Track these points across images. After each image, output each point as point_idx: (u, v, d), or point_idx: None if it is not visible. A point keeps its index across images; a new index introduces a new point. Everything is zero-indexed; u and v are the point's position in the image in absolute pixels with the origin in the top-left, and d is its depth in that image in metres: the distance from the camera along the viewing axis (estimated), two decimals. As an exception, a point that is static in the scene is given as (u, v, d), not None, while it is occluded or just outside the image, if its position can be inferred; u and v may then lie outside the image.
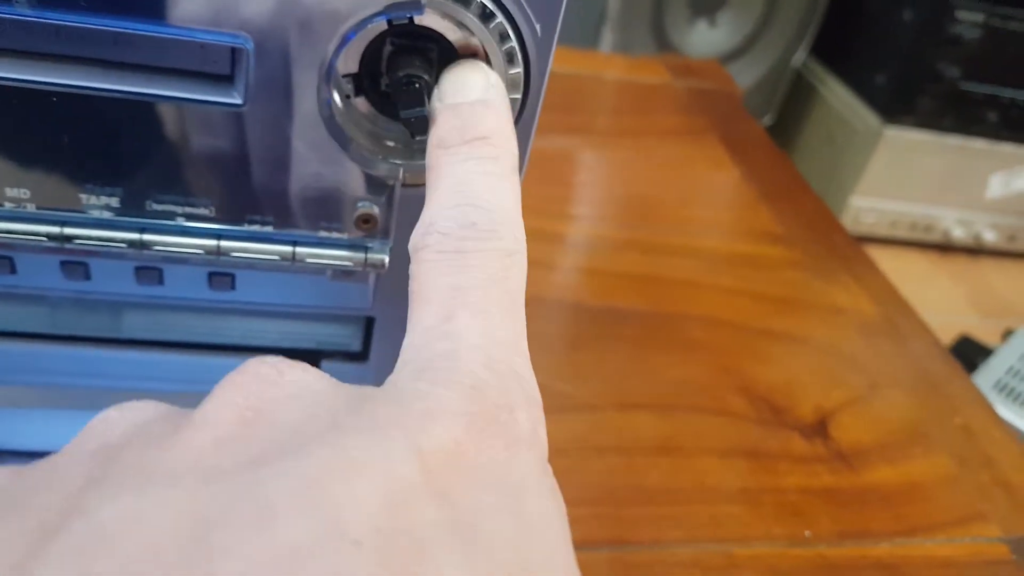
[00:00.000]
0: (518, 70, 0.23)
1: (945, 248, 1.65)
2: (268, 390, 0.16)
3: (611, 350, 0.45)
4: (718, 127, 0.76)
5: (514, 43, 0.23)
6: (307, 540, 0.13)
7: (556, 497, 0.17)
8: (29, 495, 0.15)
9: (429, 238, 0.19)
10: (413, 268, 0.19)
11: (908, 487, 0.41)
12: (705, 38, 1.51)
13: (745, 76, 1.54)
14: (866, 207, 1.56)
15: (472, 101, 0.21)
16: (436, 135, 0.21)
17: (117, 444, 0.16)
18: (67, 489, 0.15)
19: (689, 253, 0.57)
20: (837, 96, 1.62)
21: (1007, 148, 1.54)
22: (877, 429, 0.44)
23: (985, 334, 1.25)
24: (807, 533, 0.37)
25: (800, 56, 1.57)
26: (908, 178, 1.54)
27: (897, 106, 1.48)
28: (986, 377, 0.79)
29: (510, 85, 0.23)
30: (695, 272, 0.54)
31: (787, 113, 1.68)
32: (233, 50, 0.22)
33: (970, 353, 0.99)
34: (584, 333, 0.47)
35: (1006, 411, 0.74)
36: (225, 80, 0.22)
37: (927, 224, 1.60)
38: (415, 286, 0.19)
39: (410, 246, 0.20)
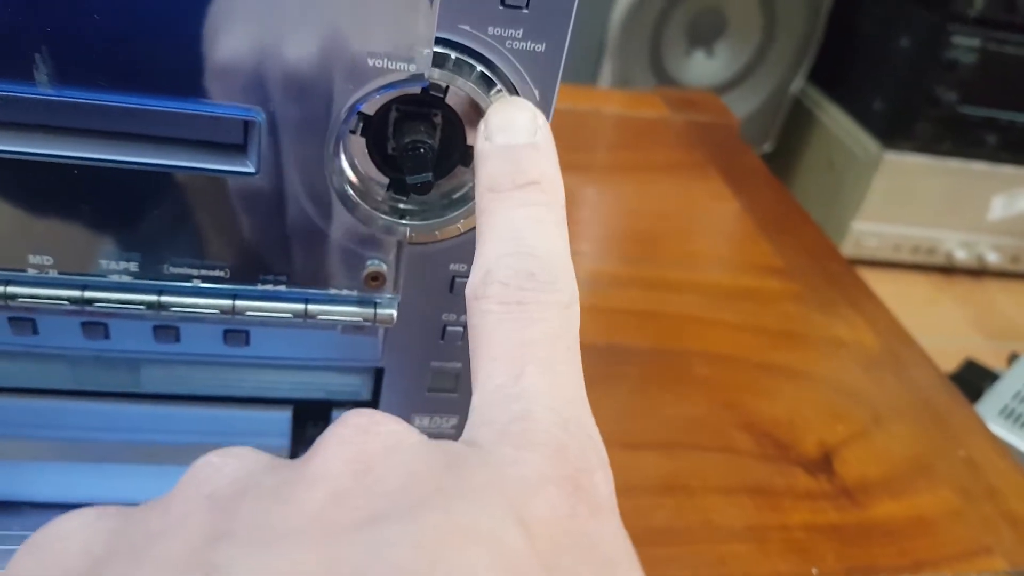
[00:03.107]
0: (519, 135, 0.24)
1: (948, 271, 1.65)
2: (369, 442, 0.17)
3: (615, 388, 0.46)
4: (716, 160, 0.77)
5: (514, 110, 0.24)
6: None
7: (638, 564, 0.17)
8: (148, 542, 0.15)
9: (489, 288, 0.19)
10: (473, 319, 0.20)
11: (913, 522, 0.41)
12: (703, 68, 1.53)
13: (744, 104, 1.56)
14: (868, 231, 1.57)
15: (523, 144, 0.22)
16: (486, 178, 0.21)
17: (231, 495, 0.16)
18: (191, 540, 0.15)
19: (690, 288, 0.57)
20: (836, 122, 1.63)
21: (1008, 170, 1.55)
22: (881, 463, 0.44)
23: (991, 357, 1.25)
24: (814, 571, 0.37)
25: (798, 83, 1.59)
26: (909, 202, 1.55)
27: (896, 131, 1.50)
28: (992, 403, 0.79)
29: (511, 148, 0.24)
30: (697, 307, 0.55)
31: (787, 140, 1.69)
32: (245, 122, 0.23)
33: (976, 378, 0.99)
34: (589, 372, 0.47)
35: (1014, 438, 0.75)
36: (238, 150, 0.24)
37: (930, 247, 1.61)
38: (479, 339, 0.19)
39: (468, 293, 0.20)
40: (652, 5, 1.41)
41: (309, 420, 0.32)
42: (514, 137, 0.22)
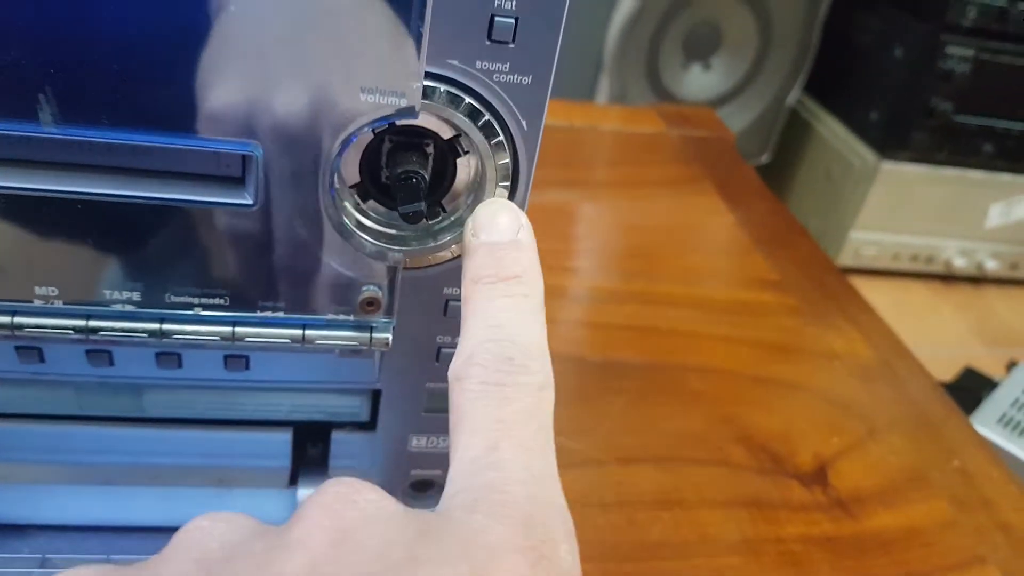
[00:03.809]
0: (506, 161, 0.25)
1: (947, 278, 1.66)
2: (349, 511, 0.18)
3: (612, 404, 0.46)
4: (713, 174, 0.78)
5: (502, 138, 0.24)
6: None
7: None
8: None
9: (471, 370, 0.21)
10: (454, 397, 0.21)
11: (907, 533, 0.42)
12: (700, 81, 1.54)
13: (741, 116, 1.57)
14: (867, 240, 1.58)
15: (506, 242, 0.23)
16: (472, 271, 0.23)
17: (219, 559, 0.18)
18: None
19: (687, 303, 0.58)
20: (833, 133, 1.64)
21: (1005, 178, 1.56)
22: (876, 475, 0.45)
23: (991, 363, 1.25)
24: (808, 582, 0.38)
25: (795, 95, 1.60)
26: (907, 211, 1.55)
27: (892, 141, 1.50)
28: (991, 411, 0.80)
29: (499, 174, 0.25)
30: (693, 322, 0.56)
31: (784, 151, 1.70)
32: (243, 157, 0.24)
33: (975, 386, 1.00)
34: (586, 387, 0.48)
35: (1012, 446, 0.75)
36: (237, 182, 0.24)
37: (928, 255, 1.61)
38: (458, 415, 0.21)
39: (450, 375, 0.22)
40: (648, 21, 1.42)
41: (309, 441, 0.33)
42: (498, 235, 0.24)
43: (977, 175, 1.54)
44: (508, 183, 0.26)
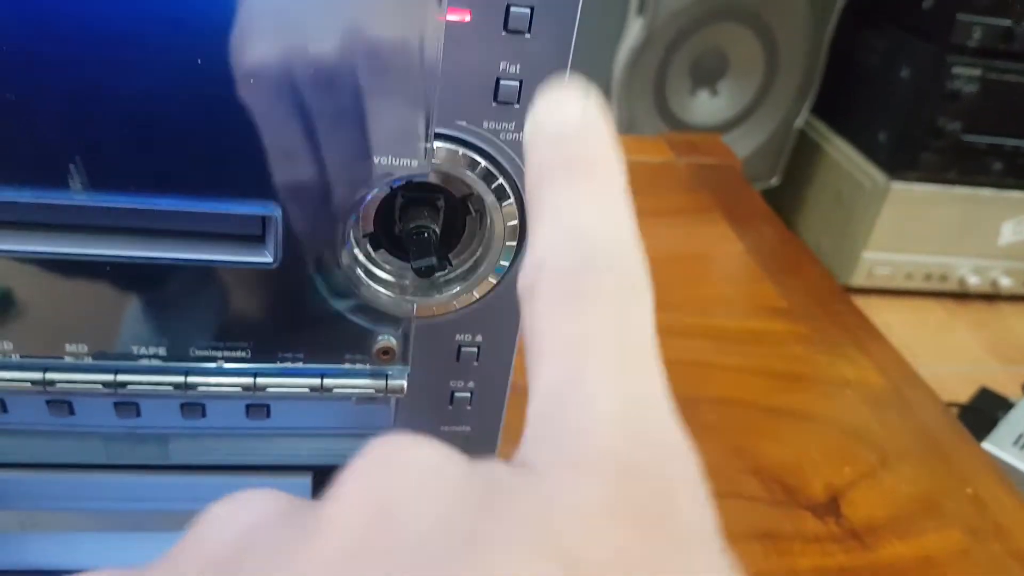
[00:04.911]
0: (515, 223, 0.26)
1: (961, 296, 1.65)
2: (394, 479, 0.14)
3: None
4: (721, 202, 0.79)
5: (512, 201, 0.25)
6: None
7: None
8: None
9: (542, 280, 0.17)
10: (525, 318, 0.17)
11: (921, 563, 0.42)
12: (707, 107, 1.55)
13: (750, 140, 1.58)
14: (879, 260, 1.58)
15: (572, 124, 0.19)
16: (535, 164, 0.19)
17: (232, 554, 0.15)
18: None
19: (699, 333, 0.59)
20: (842, 154, 1.65)
21: (1015, 195, 1.55)
22: (888, 504, 0.45)
23: (1007, 382, 1.25)
24: (823, 614, 0.38)
25: (803, 117, 1.61)
26: (919, 230, 1.56)
27: (901, 162, 1.51)
28: (1007, 433, 0.80)
29: (508, 234, 0.26)
30: (705, 352, 0.56)
31: (793, 173, 1.71)
32: (263, 218, 0.25)
33: (991, 407, 0.99)
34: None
35: (1029, 468, 0.75)
36: (257, 241, 0.25)
37: (942, 273, 1.61)
38: (531, 339, 0.17)
39: (519, 289, 0.17)
40: (654, 50, 1.44)
41: (327, 484, 0.34)
42: (562, 119, 0.19)
43: (988, 193, 1.54)
44: (515, 242, 0.27)
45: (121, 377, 0.27)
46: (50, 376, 0.26)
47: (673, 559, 0.13)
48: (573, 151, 0.18)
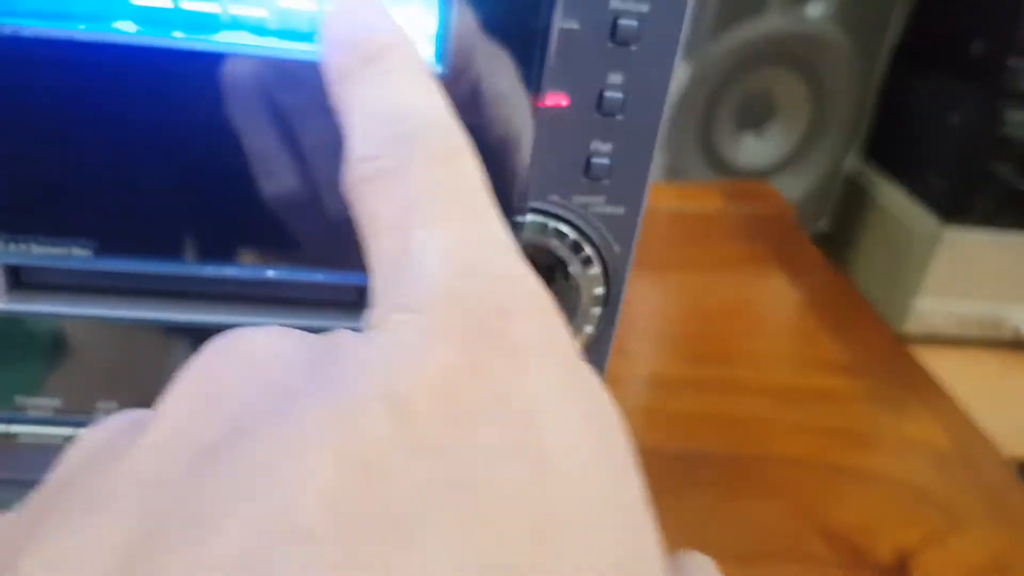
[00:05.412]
0: (601, 290, 0.27)
1: (1017, 345, 1.61)
2: (223, 365, 0.14)
3: (687, 498, 0.47)
4: (775, 252, 0.79)
5: (598, 271, 0.26)
6: (251, 543, 0.11)
7: (594, 417, 0.13)
8: None
9: (360, 167, 0.16)
10: (354, 213, 0.17)
11: (997, 631, 0.41)
12: (754, 150, 1.56)
13: (798, 183, 1.58)
14: (931, 309, 1.55)
15: (359, 22, 0.19)
16: (333, 71, 0.18)
17: (71, 473, 0.14)
18: (14, 541, 0.13)
19: (758, 389, 0.59)
20: (892, 200, 1.63)
21: (1072, 242, 1.52)
22: (958, 567, 0.44)
23: (1070, 436, 1.21)
24: None
25: (852, 161, 1.60)
26: (972, 277, 1.53)
27: (954, 207, 1.49)
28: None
29: (593, 301, 0.27)
30: (765, 409, 0.56)
31: (843, 218, 1.70)
32: (360, 288, 0.26)
33: (1054, 462, 0.96)
34: (658, 480, 0.49)
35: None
36: (355, 308, 0.26)
37: (995, 322, 1.58)
38: (362, 226, 0.16)
39: (346, 191, 0.17)
40: (701, 94, 1.45)
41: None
42: (351, 23, 0.19)
43: (1043, 240, 1.52)
44: (600, 307, 0.27)
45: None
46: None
47: (503, 372, 0.13)
48: (364, 49, 0.18)
